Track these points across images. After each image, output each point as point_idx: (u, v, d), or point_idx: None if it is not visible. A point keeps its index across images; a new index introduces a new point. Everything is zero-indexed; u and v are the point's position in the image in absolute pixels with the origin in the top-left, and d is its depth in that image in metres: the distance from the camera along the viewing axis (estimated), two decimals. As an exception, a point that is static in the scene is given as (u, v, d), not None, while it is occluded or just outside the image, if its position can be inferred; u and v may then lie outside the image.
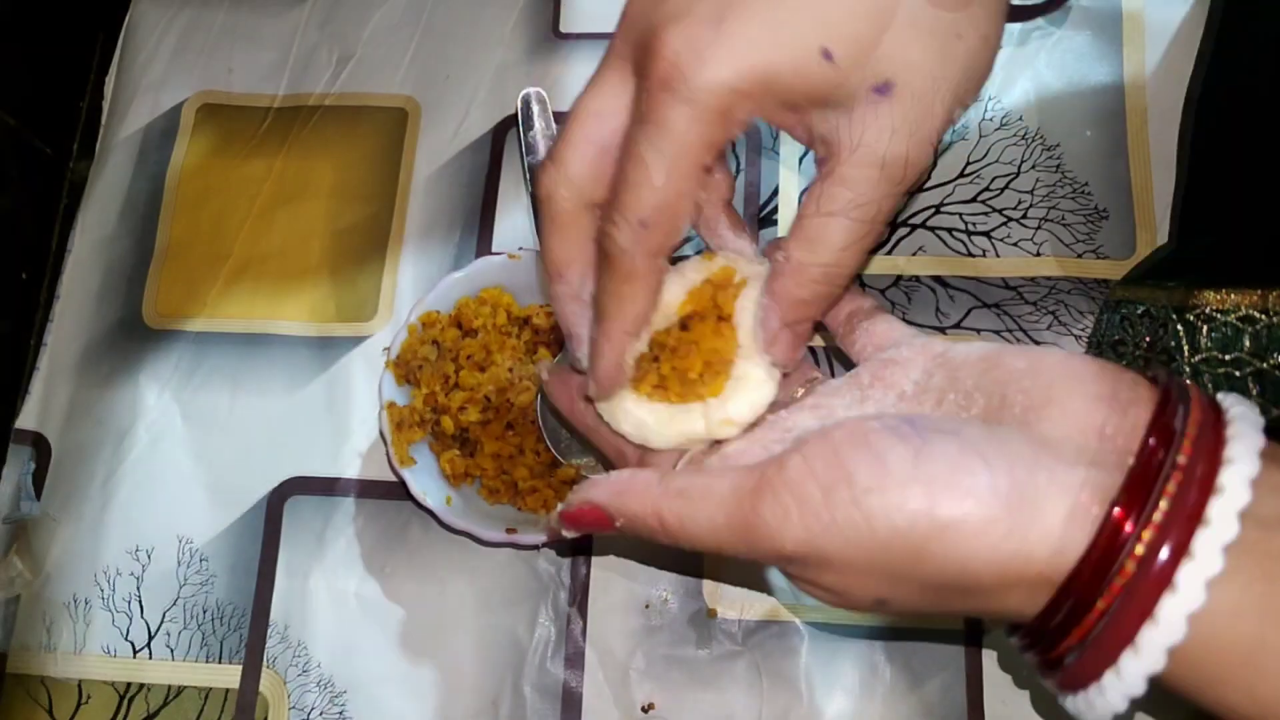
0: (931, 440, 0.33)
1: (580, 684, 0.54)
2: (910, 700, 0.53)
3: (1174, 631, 0.30)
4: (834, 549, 0.34)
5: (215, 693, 0.56)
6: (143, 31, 0.69)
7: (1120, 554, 0.31)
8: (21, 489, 0.59)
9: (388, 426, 0.55)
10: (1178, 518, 0.31)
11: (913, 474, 0.33)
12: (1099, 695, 0.32)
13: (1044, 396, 0.34)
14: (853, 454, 0.34)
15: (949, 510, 0.32)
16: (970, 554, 0.32)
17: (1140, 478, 0.32)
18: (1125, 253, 0.60)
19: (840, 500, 0.33)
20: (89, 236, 0.65)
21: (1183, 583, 0.30)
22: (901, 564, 0.33)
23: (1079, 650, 0.32)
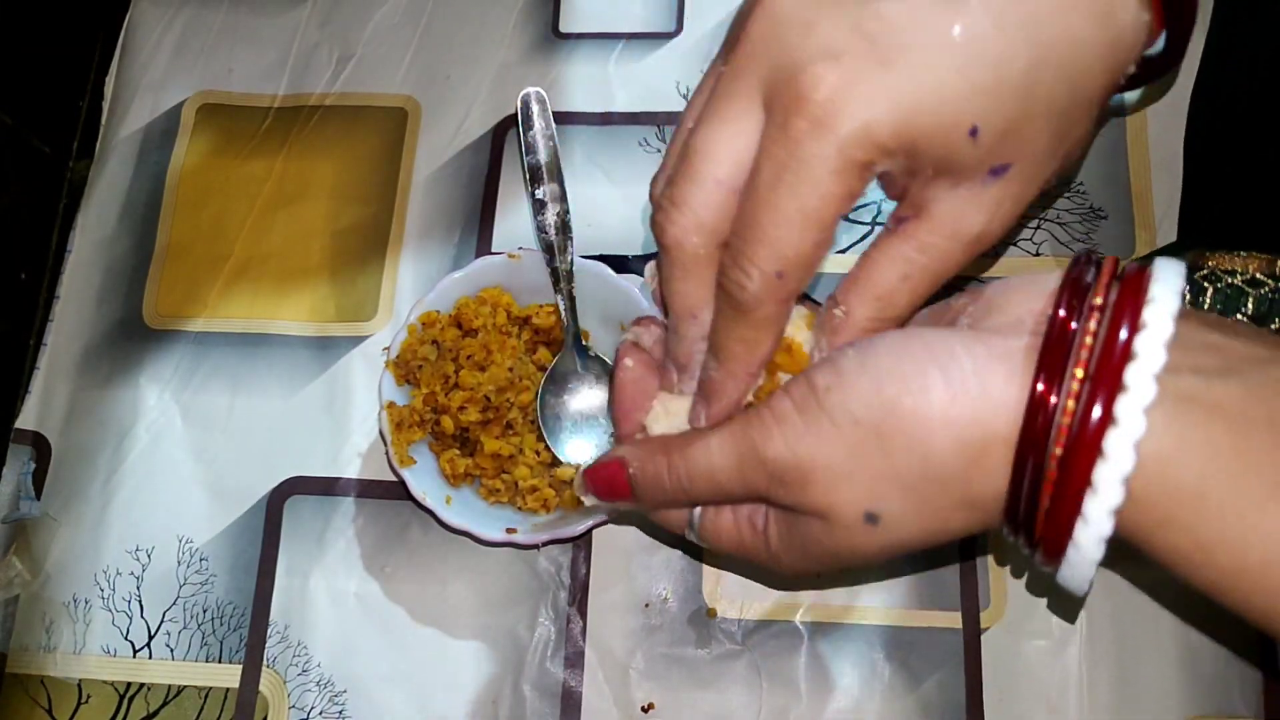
0: (877, 339, 0.37)
1: (580, 684, 0.54)
2: (909, 699, 0.53)
3: (1124, 462, 0.32)
4: (809, 453, 0.36)
5: (215, 692, 0.56)
6: (143, 31, 0.69)
7: (1053, 408, 0.33)
8: (21, 489, 0.59)
9: (387, 426, 0.55)
10: (1105, 360, 0.33)
11: (859, 367, 0.36)
12: (1075, 549, 0.34)
13: (984, 309, 0.37)
14: (815, 368, 0.37)
15: (895, 391, 0.34)
16: (927, 431, 0.34)
17: (1055, 336, 0.34)
18: (1124, 252, 0.60)
19: (808, 407, 0.36)
20: (89, 236, 0.65)
21: (1122, 415, 0.32)
22: (871, 456, 0.35)
23: (1050, 514, 0.34)
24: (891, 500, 0.36)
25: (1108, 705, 0.52)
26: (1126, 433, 0.32)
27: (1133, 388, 0.32)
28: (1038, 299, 0.36)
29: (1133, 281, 0.34)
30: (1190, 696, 0.52)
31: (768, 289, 0.37)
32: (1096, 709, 0.52)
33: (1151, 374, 0.32)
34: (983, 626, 0.54)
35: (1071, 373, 0.33)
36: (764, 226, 0.36)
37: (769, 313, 0.38)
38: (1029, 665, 0.53)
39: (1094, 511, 0.33)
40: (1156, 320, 0.33)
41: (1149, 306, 0.33)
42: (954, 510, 0.36)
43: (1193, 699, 0.52)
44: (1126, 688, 0.53)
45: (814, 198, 0.35)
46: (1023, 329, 0.35)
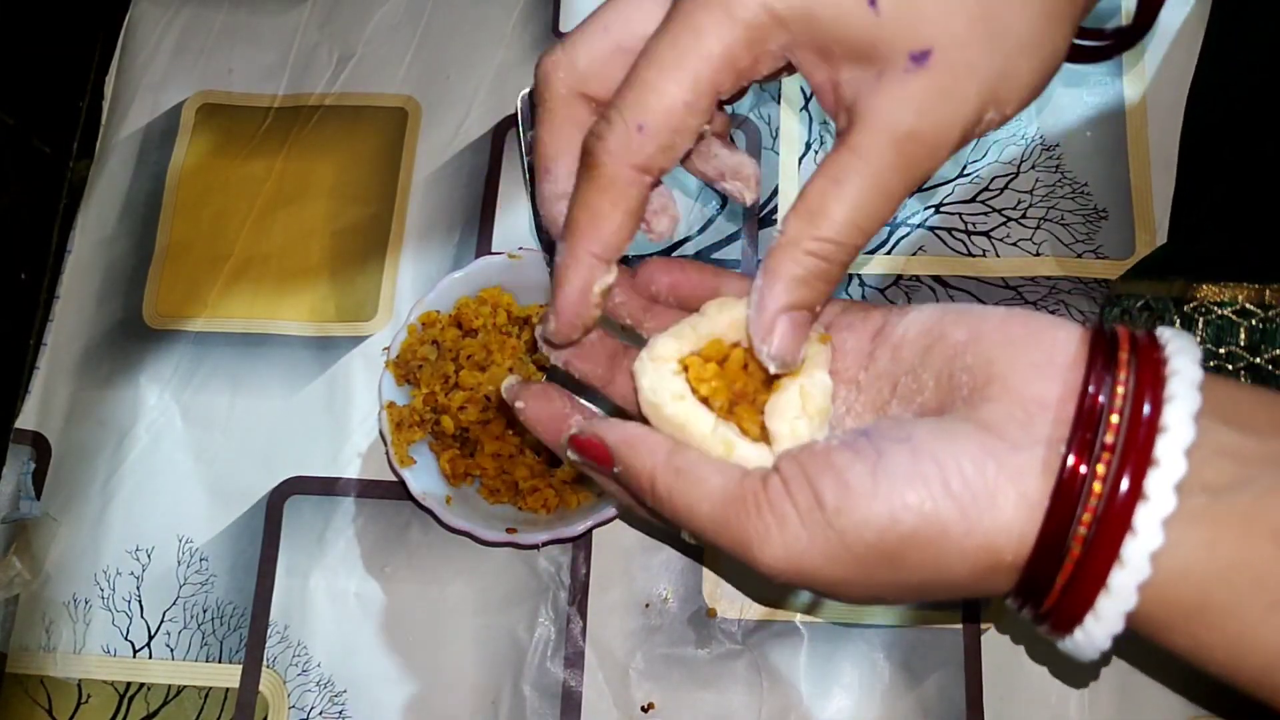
0: (885, 452, 0.34)
1: (580, 684, 0.54)
2: (909, 698, 0.53)
3: (1139, 571, 0.32)
4: (815, 566, 0.35)
5: (215, 692, 0.56)
6: (143, 31, 0.69)
7: (1077, 510, 0.32)
8: (21, 489, 0.59)
9: (387, 426, 0.55)
10: (1127, 462, 0.32)
11: (873, 489, 0.34)
12: (1085, 636, 0.34)
13: (985, 374, 0.35)
14: (818, 475, 0.34)
15: (909, 520, 0.33)
16: (939, 555, 0.33)
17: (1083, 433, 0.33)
18: (1125, 253, 0.60)
19: (815, 523, 0.34)
20: (89, 236, 0.65)
21: (1140, 524, 0.32)
22: (882, 572, 0.34)
23: (1061, 603, 0.34)
24: (901, 594, 0.36)
25: (1109, 705, 0.52)
26: (1144, 543, 0.32)
27: (1153, 497, 0.32)
28: (1050, 382, 0.34)
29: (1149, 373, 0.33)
30: (1191, 697, 0.52)
31: (623, 142, 0.35)
32: (1098, 709, 0.52)
33: (1172, 485, 0.32)
34: (983, 626, 0.54)
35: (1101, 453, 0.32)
36: (638, 74, 0.35)
37: (619, 174, 0.36)
38: (1030, 665, 0.53)
39: (1107, 611, 0.33)
40: (1178, 423, 0.32)
41: (1170, 405, 0.32)
42: (955, 596, 0.37)
43: (1194, 699, 0.52)
44: (1128, 688, 0.52)
45: (693, 52, 0.34)
46: (1032, 431, 0.34)
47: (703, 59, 0.34)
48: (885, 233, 0.61)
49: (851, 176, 0.35)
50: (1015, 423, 0.34)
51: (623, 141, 0.35)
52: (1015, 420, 0.34)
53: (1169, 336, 0.35)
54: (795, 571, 0.35)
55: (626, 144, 0.35)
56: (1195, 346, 0.34)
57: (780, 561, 0.35)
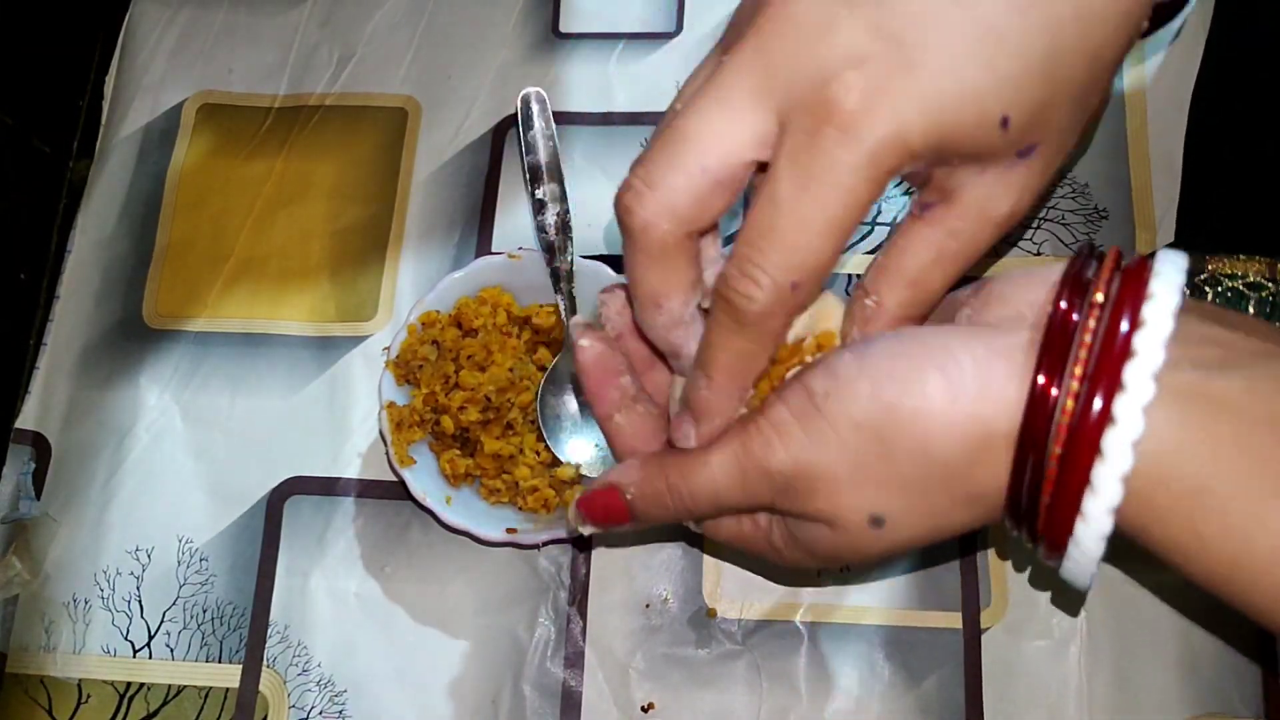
0: (873, 342, 0.36)
1: (580, 684, 0.54)
2: (909, 698, 0.53)
3: (1122, 461, 0.32)
4: (812, 461, 0.36)
5: (215, 692, 0.56)
6: (143, 31, 0.69)
7: (1053, 405, 0.33)
8: (21, 489, 0.59)
9: (388, 426, 0.55)
10: (1105, 358, 0.32)
11: (857, 371, 0.35)
12: (1076, 546, 0.34)
13: (985, 300, 0.37)
14: (811, 373, 0.36)
15: (893, 394, 0.34)
16: (927, 432, 0.34)
17: (1055, 331, 0.33)
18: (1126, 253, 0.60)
19: (807, 414, 0.36)
20: (89, 237, 0.65)
21: (1121, 414, 0.32)
22: (873, 460, 0.35)
23: (1051, 510, 0.34)
24: (895, 502, 0.36)
25: (1107, 705, 0.52)
26: (1125, 432, 0.32)
27: (1131, 386, 0.32)
28: (1038, 291, 0.36)
29: (1133, 276, 0.34)
30: (1190, 697, 0.52)
31: (779, 300, 0.35)
32: (1096, 709, 0.52)
33: (1150, 373, 0.32)
34: (983, 626, 0.54)
35: (1071, 370, 0.33)
36: (783, 233, 0.34)
37: (774, 326, 0.36)
38: (1029, 665, 0.53)
39: (1093, 510, 0.33)
40: (1156, 316, 0.32)
41: (1149, 302, 0.33)
42: (957, 507, 0.36)
43: (1193, 699, 0.52)
44: (1126, 688, 0.52)
45: (841, 206, 0.34)
46: (1023, 323, 0.35)
47: (848, 208, 0.34)
48: (885, 233, 0.61)
49: (951, 255, 0.37)
50: (1007, 321, 0.36)
51: (777, 299, 0.35)
52: (1008, 320, 0.36)
53: (1160, 252, 0.35)
54: (798, 472, 0.36)
55: (781, 300, 0.35)
56: (1182, 257, 0.35)
57: (786, 464, 0.36)
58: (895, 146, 0.33)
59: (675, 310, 0.38)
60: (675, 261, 0.37)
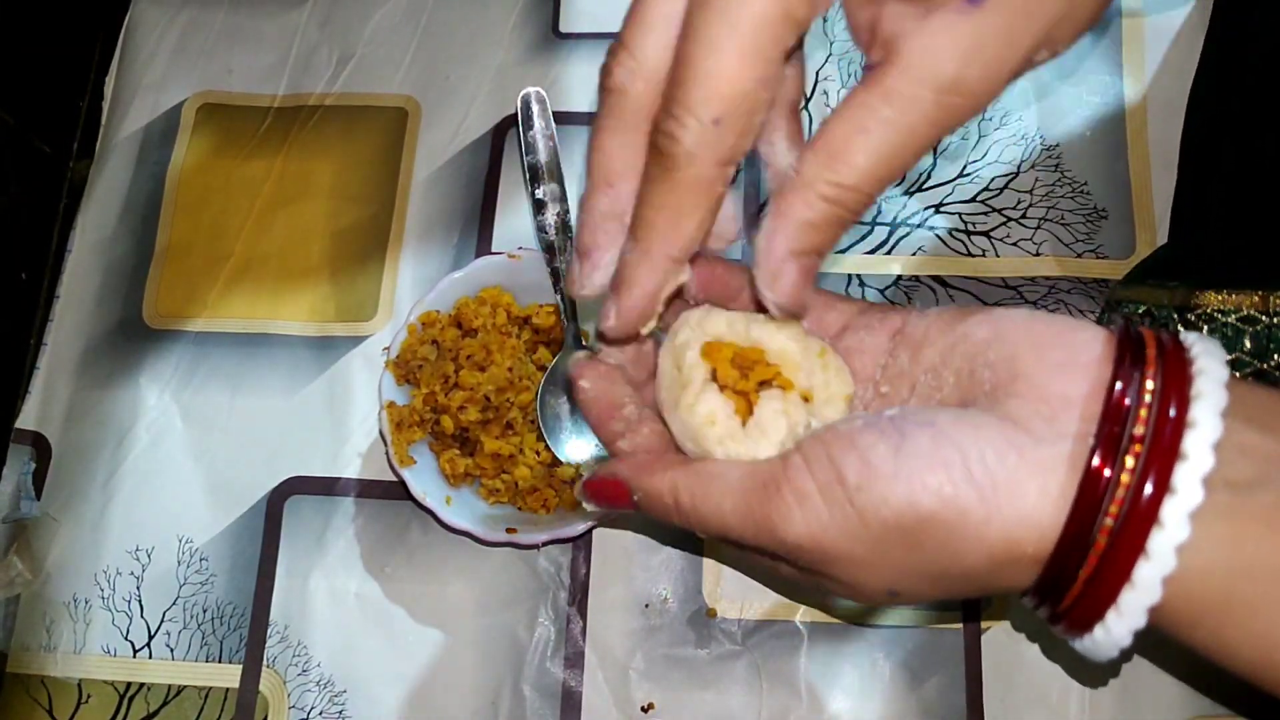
0: (909, 434, 0.34)
1: (580, 684, 0.54)
2: (909, 699, 0.53)
3: (1165, 564, 0.32)
4: (835, 543, 0.35)
5: (215, 692, 0.56)
6: (143, 31, 0.69)
7: (1103, 503, 0.32)
8: (21, 489, 0.59)
9: (387, 426, 0.55)
10: (1155, 456, 0.32)
11: (894, 470, 0.33)
12: (1105, 633, 0.34)
13: (1009, 371, 0.35)
14: (842, 454, 0.34)
15: (929, 502, 0.33)
16: (957, 541, 0.33)
17: (1110, 428, 0.33)
18: (1125, 253, 0.60)
19: (836, 499, 0.34)
20: (89, 236, 0.65)
21: (1168, 517, 0.32)
22: (899, 554, 0.34)
23: (1081, 598, 0.34)
24: (915, 585, 0.36)
25: (1109, 706, 0.52)
26: (1171, 536, 0.32)
27: (1181, 490, 0.32)
28: (1074, 381, 0.34)
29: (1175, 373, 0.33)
30: (1191, 698, 0.52)
31: (703, 140, 0.32)
32: (1098, 709, 0.52)
33: (1200, 477, 0.32)
34: (983, 627, 0.54)
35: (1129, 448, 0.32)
36: (697, 61, 0.32)
37: (702, 173, 0.33)
38: (1030, 666, 0.53)
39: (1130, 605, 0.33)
40: (1205, 418, 0.32)
41: (1197, 403, 0.33)
42: (974, 592, 0.37)
43: (1193, 700, 0.52)
44: (1128, 688, 0.52)
45: (749, 19, 0.31)
46: (1056, 426, 0.33)
47: (759, 22, 0.31)
48: (885, 233, 0.61)
49: (881, 124, 0.32)
50: (1039, 418, 0.34)
51: (700, 139, 0.33)
52: (1040, 416, 0.34)
53: (1194, 339, 0.35)
54: (815, 547, 0.35)
55: (704, 141, 0.33)
56: (1220, 348, 0.34)
57: (803, 538, 0.35)
58: None
59: (623, 196, 0.36)
60: (636, 134, 0.35)
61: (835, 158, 0.33)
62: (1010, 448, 0.33)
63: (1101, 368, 0.34)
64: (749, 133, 0.33)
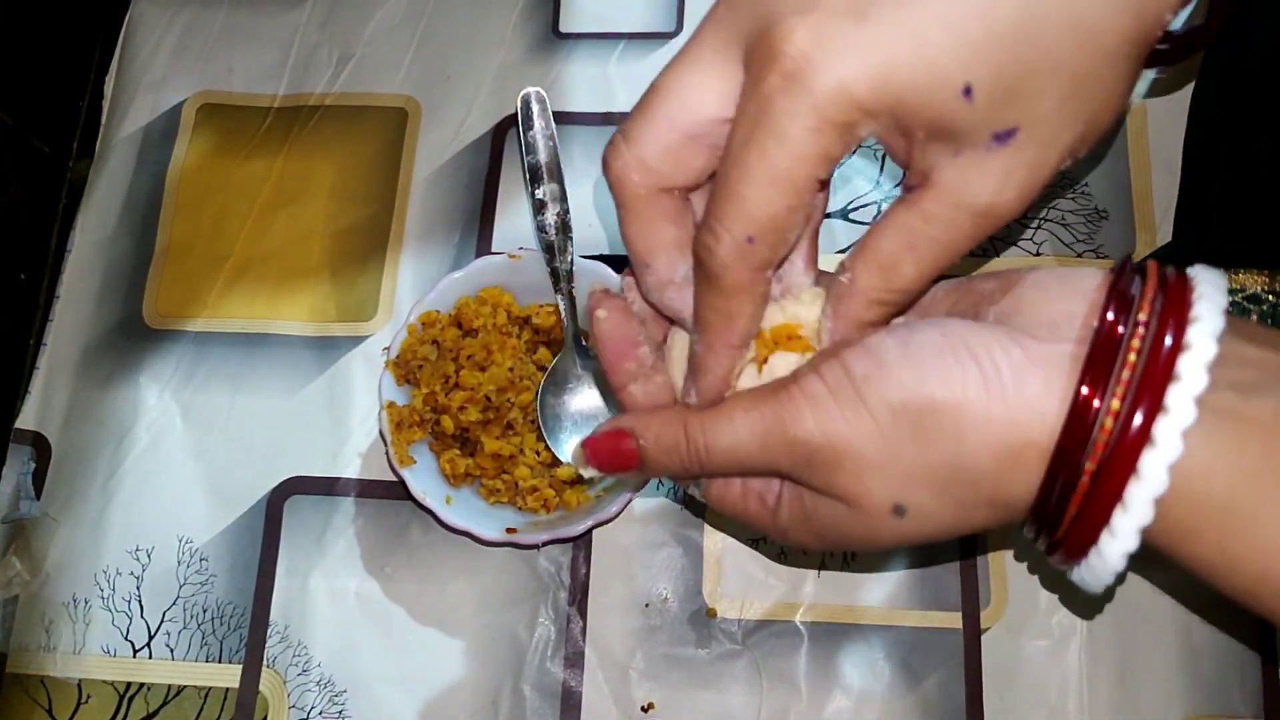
0: (916, 330, 0.36)
1: (580, 683, 0.54)
2: (909, 698, 0.53)
3: (1157, 483, 0.32)
4: (842, 439, 0.35)
5: (215, 692, 0.56)
6: (143, 31, 0.69)
7: (1094, 420, 0.33)
8: (21, 489, 0.59)
9: (387, 426, 0.55)
10: (1148, 378, 0.32)
11: (901, 359, 0.35)
12: (1099, 557, 0.34)
13: (1013, 306, 0.36)
14: (850, 354, 0.36)
15: (935, 387, 0.34)
16: (963, 429, 0.34)
17: (1101, 348, 0.33)
18: (1125, 252, 0.60)
19: (843, 392, 0.35)
20: (89, 236, 0.65)
21: (1160, 436, 0.32)
22: (905, 449, 0.35)
23: (1077, 520, 0.34)
24: (920, 494, 0.36)
25: (1108, 705, 0.52)
26: (1163, 455, 0.32)
27: (1174, 409, 0.32)
28: (1075, 302, 0.35)
29: (1176, 295, 0.34)
30: (1190, 696, 0.52)
31: (737, 254, 0.35)
32: (1096, 708, 0.52)
33: (1193, 397, 0.32)
34: (983, 626, 0.54)
35: (1114, 387, 0.33)
36: (733, 186, 0.34)
37: (739, 280, 0.36)
38: (1029, 665, 0.53)
39: (1122, 527, 0.33)
40: (1201, 340, 0.32)
41: (1194, 325, 0.33)
42: (980, 507, 0.36)
43: (1193, 698, 0.52)
44: (1126, 687, 0.53)
45: (785, 157, 0.33)
46: (1059, 334, 0.34)
47: (796, 161, 0.33)
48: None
49: (925, 242, 0.35)
50: (1043, 328, 0.35)
51: (734, 253, 0.35)
52: (1042, 326, 0.35)
53: (1199, 270, 0.35)
54: (825, 444, 0.36)
55: (740, 255, 0.35)
56: (1223, 276, 0.35)
57: (813, 434, 0.36)
58: (839, 98, 0.32)
59: (662, 271, 0.38)
60: (652, 217, 0.38)
61: (887, 271, 0.36)
62: (1015, 344, 0.34)
63: (1100, 293, 0.35)
64: (783, 246, 0.35)
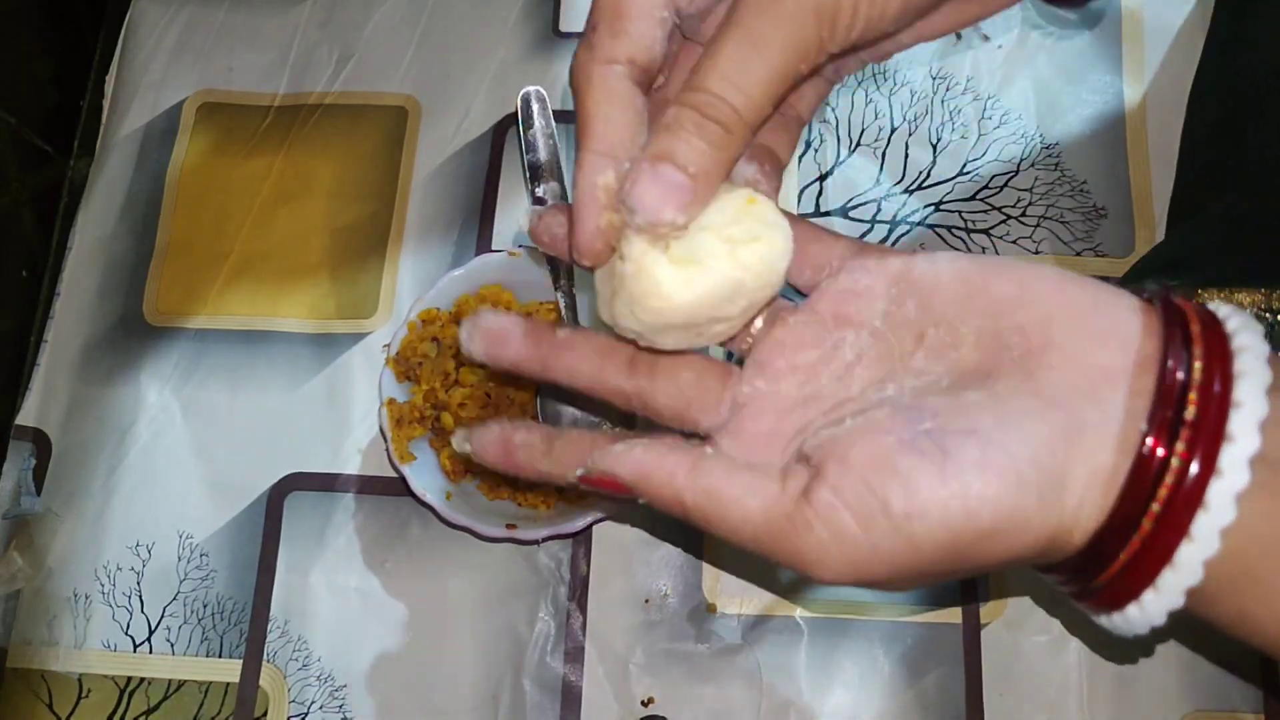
0: (951, 450, 0.33)
1: (580, 678, 0.54)
2: (908, 694, 0.53)
3: (1208, 546, 0.31)
4: (880, 572, 0.34)
5: (215, 687, 0.56)
6: (143, 30, 0.69)
7: (1154, 487, 0.32)
8: (22, 485, 0.59)
9: (387, 423, 0.55)
10: (1202, 435, 0.31)
11: (944, 491, 0.32)
12: (1140, 611, 0.34)
13: (1043, 337, 0.34)
14: (880, 481, 0.33)
15: (986, 517, 0.32)
16: (1013, 547, 0.33)
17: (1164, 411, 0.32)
18: (1124, 251, 0.60)
19: (880, 530, 0.33)
20: (89, 234, 0.65)
21: (1214, 500, 0.31)
22: (948, 567, 0.34)
23: (1118, 578, 0.33)
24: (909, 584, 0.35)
25: (1108, 701, 0.52)
26: (1217, 518, 0.31)
27: (1227, 472, 0.31)
28: (1115, 355, 0.33)
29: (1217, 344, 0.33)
30: (1190, 693, 0.52)
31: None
32: (1096, 704, 0.52)
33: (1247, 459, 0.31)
34: (983, 622, 0.54)
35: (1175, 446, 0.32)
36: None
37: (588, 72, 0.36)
38: (1029, 661, 0.53)
39: (1169, 585, 0.33)
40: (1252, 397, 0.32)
41: (1241, 380, 0.32)
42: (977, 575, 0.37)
43: (1192, 695, 0.52)
44: (1126, 684, 0.53)
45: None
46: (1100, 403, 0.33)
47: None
48: (885, 230, 0.61)
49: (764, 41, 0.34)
50: (1081, 395, 0.33)
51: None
52: (1081, 393, 0.33)
53: (1227, 312, 0.34)
54: (856, 579, 0.34)
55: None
56: (1255, 320, 0.34)
57: (844, 575, 0.34)
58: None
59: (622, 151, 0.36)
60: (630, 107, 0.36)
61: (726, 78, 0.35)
62: (1060, 440, 0.32)
63: (1144, 341, 0.33)
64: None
